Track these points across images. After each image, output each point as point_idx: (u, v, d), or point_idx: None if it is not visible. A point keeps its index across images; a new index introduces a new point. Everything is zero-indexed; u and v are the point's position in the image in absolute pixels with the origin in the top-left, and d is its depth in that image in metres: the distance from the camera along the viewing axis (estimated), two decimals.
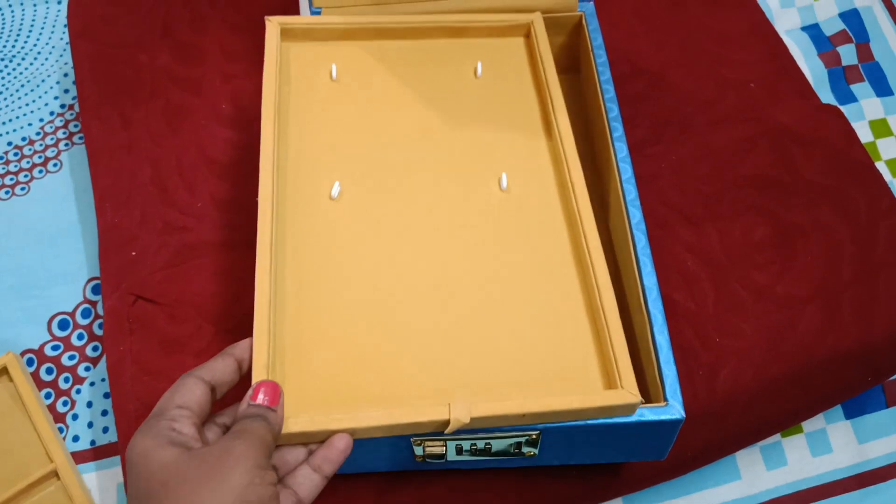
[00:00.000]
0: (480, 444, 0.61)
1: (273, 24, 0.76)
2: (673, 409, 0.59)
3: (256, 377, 0.57)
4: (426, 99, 0.75)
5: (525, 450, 0.62)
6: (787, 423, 0.78)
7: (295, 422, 0.56)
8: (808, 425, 0.84)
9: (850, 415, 0.84)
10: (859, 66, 1.03)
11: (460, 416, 0.56)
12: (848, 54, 1.03)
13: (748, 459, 0.82)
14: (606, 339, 0.61)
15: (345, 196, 0.68)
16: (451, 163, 0.71)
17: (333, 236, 0.66)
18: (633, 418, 0.59)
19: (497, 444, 0.61)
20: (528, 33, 0.81)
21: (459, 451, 0.62)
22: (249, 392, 0.55)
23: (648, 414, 0.59)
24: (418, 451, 0.61)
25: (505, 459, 0.64)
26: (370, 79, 0.77)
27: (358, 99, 0.75)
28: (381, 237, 0.66)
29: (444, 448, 0.61)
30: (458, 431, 0.58)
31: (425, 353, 0.61)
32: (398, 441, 0.60)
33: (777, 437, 0.83)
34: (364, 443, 0.59)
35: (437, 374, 0.60)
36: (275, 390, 0.55)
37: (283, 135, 0.71)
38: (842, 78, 1.03)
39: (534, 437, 0.60)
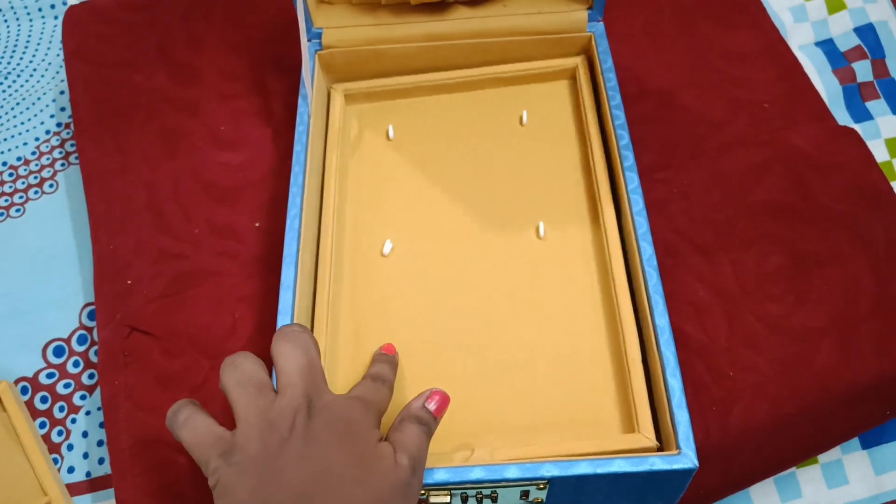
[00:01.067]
0: (486, 492, 0.59)
1: (338, 92, 0.83)
2: (685, 457, 0.57)
3: None
4: (473, 151, 0.81)
5: (533, 496, 0.60)
6: (802, 458, 0.76)
7: None
8: (824, 456, 0.82)
9: (866, 445, 0.82)
10: (875, 82, 1.01)
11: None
12: (863, 70, 1.01)
13: (762, 492, 0.80)
14: (628, 384, 0.63)
15: (395, 252, 0.75)
16: (493, 212, 0.76)
17: (384, 290, 0.72)
18: (645, 467, 0.57)
19: (504, 493, 0.59)
20: (573, 76, 0.83)
21: (465, 500, 0.60)
22: (425, 393, 0.59)
23: (660, 463, 0.57)
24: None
25: None
26: (422, 135, 0.81)
27: (410, 157, 0.80)
28: (426, 291, 0.72)
29: (449, 498, 0.59)
30: (465, 482, 0.57)
31: (460, 396, 0.64)
32: None
33: (792, 468, 0.81)
34: None
35: (469, 415, 0.65)
36: (445, 402, 0.59)
37: (342, 194, 0.77)
38: (857, 94, 1.00)
39: (542, 485, 0.58)
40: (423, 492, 0.58)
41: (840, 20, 1.04)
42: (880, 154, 0.96)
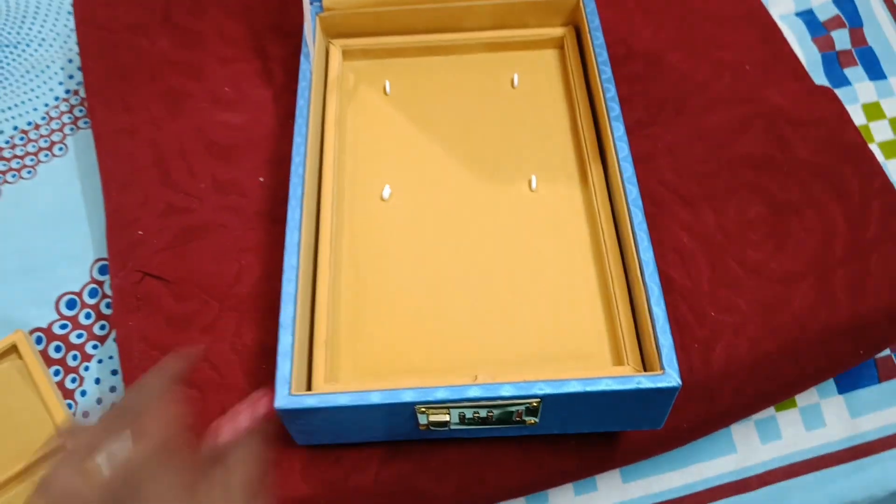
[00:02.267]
0: (483, 413, 0.63)
1: (336, 47, 0.88)
2: (669, 377, 0.61)
3: (318, 349, 0.68)
4: (466, 109, 0.85)
5: (526, 419, 0.64)
6: (781, 395, 0.79)
7: (346, 386, 0.65)
8: (802, 400, 0.85)
9: (842, 390, 0.85)
10: (853, 50, 1.05)
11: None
12: (841, 39, 1.05)
13: (743, 433, 0.83)
14: (617, 321, 0.68)
15: (394, 197, 0.79)
16: (487, 166, 0.81)
17: (384, 232, 0.77)
18: (631, 385, 0.61)
19: (499, 413, 0.63)
20: (560, 45, 0.87)
21: (462, 419, 0.63)
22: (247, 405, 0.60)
23: (645, 382, 0.61)
24: (422, 419, 0.63)
25: (506, 428, 0.66)
26: (418, 92, 0.86)
27: (407, 111, 0.84)
28: (424, 233, 0.76)
29: (448, 416, 0.63)
30: (463, 399, 0.61)
31: (459, 333, 0.71)
32: (403, 409, 0.62)
33: (771, 411, 0.84)
34: (370, 411, 0.61)
35: (468, 350, 0.70)
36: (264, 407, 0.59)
37: (342, 143, 0.82)
38: (835, 62, 1.04)
39: (535, 404, 0.62)
40: (423, 409, 0.62)
41: None
42: (858, 118, 0.99)
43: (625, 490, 0.82)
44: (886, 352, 0.86)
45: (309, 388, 0.66)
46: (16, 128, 1.02)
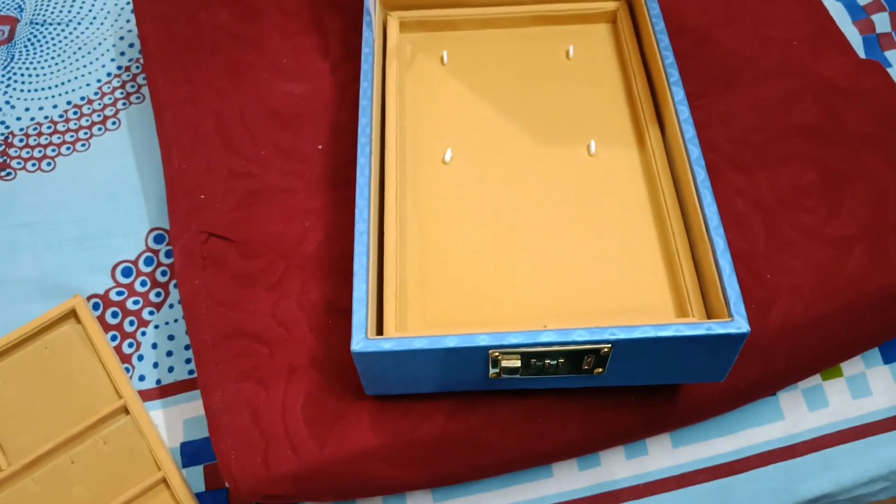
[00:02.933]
0: (553, 361, 0.64)
1: (394, 18, 0.89)
2: (738, 323, 0.62)
3: (388, 300, 0.69)
4: (523, 78, 0.86)
5: (595, 368, 0.65)
6: (836, 358, 0.81)
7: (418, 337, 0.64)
8: (848, 369, 0.86)
9: (888, 360, 0.87)
10: (892, 33, 1.06)
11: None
12: (882, 22, 1.06)
13: (791, 401, 0.85)
14: (680, 275, 0.69)
15: (455, 160, 0.80)
16: (546, 131, 0.82)
17: (447, 192, 0.78)
18: (702, 331, 0.62)
19: (568, 360, 0.64)
20: (614, 20, 0.89)
21: (532, 366, 0.64)
22: None
23: (716, 328, 0.62)
24: (493, 367, 0.64)
25: (573, 378, 0.67)
26: (475, 63, 0.87)
27: (465, 80, 0.86)
28: (487, 194, 0.78)
29: (520, 362, 0.64)
30: (537, 343, 0.62)
31: (525, 287, 0.71)
32: (476, 355, 0.63)
33: (818, 379, 0.85)
34: (444, 356, 0.63)
35: (535, 304, 0.70)
36: None
37: (403, 109, 0.83)
38: (876, 45, 1.05)
39: (605, 350, 0.63)
40: (496, 354, 0.63)
41: None
42: None
43: (675, 455, 0.83)
44: None
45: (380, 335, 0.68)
46: (69, 103, 1.04)
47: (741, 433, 0.84)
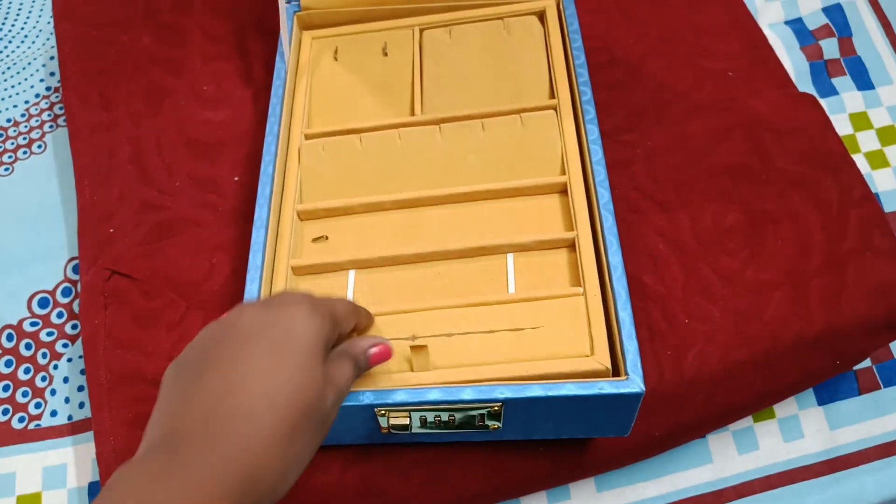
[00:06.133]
0: (444, 416, 0.62)
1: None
2: (633, 382, 0.60)
3: None
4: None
5: (489, 423, 0.63)
6: (755, 407, 0.79)
7: None
8: (781, 411, 0.84)
9: (822, 401, 0.85)
10: (841, 59, 1.04)
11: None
12: (830, 48, 1.04)
13: (720, 444, 0.83)
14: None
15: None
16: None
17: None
18: (594, 391, 0.60)
19: (460, 416, 0.62)
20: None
21: (424, 422, 0.62)
22: (373, 339, 0.61)
23: (608, 387, 0.60)
24: (383, 422, 0.62)
25: (470, 433, 0.65)
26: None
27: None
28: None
29: (409, 419, 0.62)
30: (423, 402, 0.60)
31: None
32: (363, 412, 0.61)
33: (749, 421, 0.83)
34: None
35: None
36: (386, 355, 0.61)
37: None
38: (823, 71, 1.03)
39: (496, 408, 0.61)
40: (383, 411, 0.61)
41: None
42: (844, 128, 0.99)
43: (599, 499, 0.81)
44: (867, 363, 0.85)
45: None
46: None
47: (667, 477, 0.82)
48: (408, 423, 0.62)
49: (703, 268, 0.77)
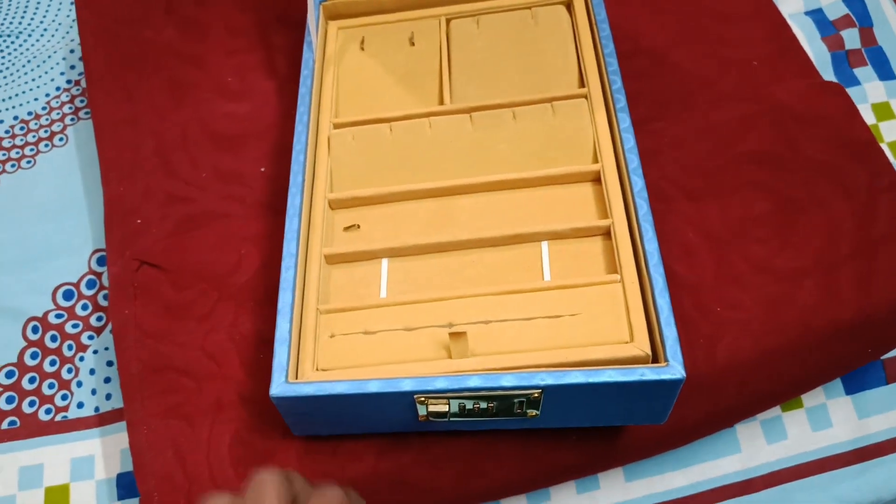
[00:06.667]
0: (483, 404, 0.62)
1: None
2: (673, 368, 0.60)
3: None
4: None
5: (527, 410, 0.62)
6: (786, 395, 0.78)
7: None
8: (809, 400, 0.84)
9: (850, 390, 0.84)
10: (862, 49, 1.04)
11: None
12: (851, 38, 1.04)
13: (748, 433, 0.83)
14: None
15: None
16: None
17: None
18: (635, 377, 0.59)
19: (499, 404, 0.62)
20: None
21: (462, 410, 0.62)
22: None
23: (649, 373, 0.60)
24: (421, 409, 0.62)
25: (507, 421, 0.64)
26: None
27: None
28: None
29: (448, 406, 0.61)
30: (463, 389, 0.60)
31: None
32: (402, 399, 0.61)
33: (777, 410, 0.83)
34: (368, 401, 0.61)
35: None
36: None
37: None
38: (845, 61, 1.03)
39: (536, 395, 0.60)
40: (423, 398, 0.61)
41: None
42: (867, 118, 0.98)
43: (627, 489, 0.81)
44: (894, 352, 0.84)
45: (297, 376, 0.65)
46: (16, 118, 1.01)
47: (696, 466, 0.82)
48: (447, 410, 0.62)
49: (734, 256, 0.77)
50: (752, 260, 0.77)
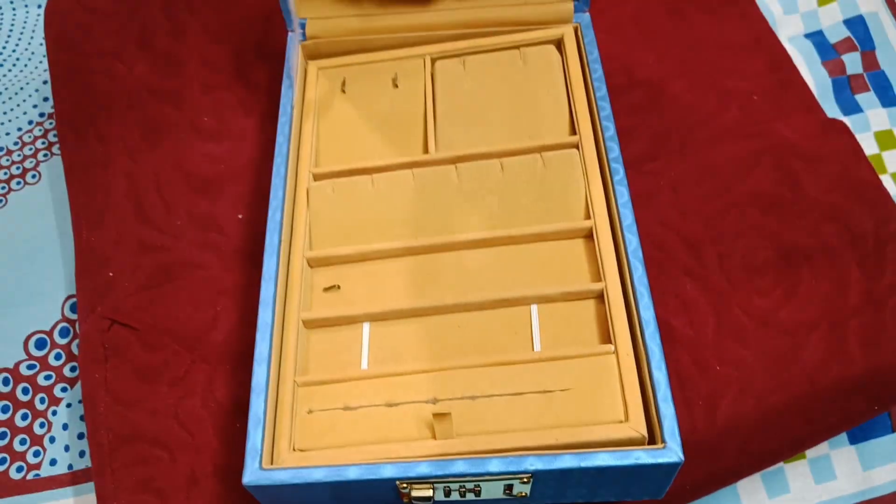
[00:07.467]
0: (469, 486, 0.58)
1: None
2: (670, 451, 0.56)
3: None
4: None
5: (517, 490, 0.59)
6: (790, 452, 0.75)
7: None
8: (812, 451, 0.81)
9: (854, 440, 0.82)
10: (864, 74, 1.00)
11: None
12: (853, 63, 1.00)
13: (749, 487, 0.80)
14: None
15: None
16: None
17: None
18: (630, 461, 0.56)
19: (486, 487, 0.58)
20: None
21: (448, 493, 0.59)
22: None
23: (644, 457, 0.56)
24: (405, 494, 0.59)
25: (495, 501, 0.61)
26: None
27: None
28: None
29: (431, 491, 0.58)
30: (447, 476, 0.57)
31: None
32: (384, 484, 0.58)
33: (779, 463, 0.80)
34: (348, 486, 0.58)
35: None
36: None
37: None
38: (847, 87, 0.99)
39: (525, 479, 0.57)
40: (405, 485, 0.57)
41: (830, 12, 1.03)
42: (869, 147, 0.95)
43: None
44: None
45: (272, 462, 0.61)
46: None
47: None
48: (431, 495, 0.58)
49: (735, 309, 0.74)
50: (753, 312, 0.74)
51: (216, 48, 0.91)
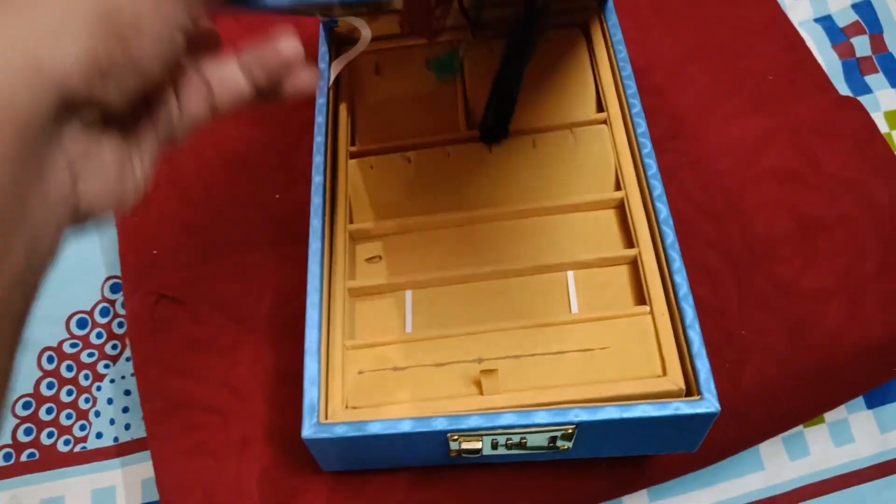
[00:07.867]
0: (516, 439, 0.61)
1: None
2: (707, 402, 0.59)
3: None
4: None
5: (559, 444, 0.62)
6: (812, 414, 0.78)
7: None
8: (830, 416, 0.84)
9: (871, 404, 0.85)
10: (873, 57, 1.03)
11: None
12: (862, 46, 1.03)
13: (771, 450, 0.83)
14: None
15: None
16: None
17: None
18: (669, 411, 0.59)
19: (532, 439, 0.61)
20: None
21: (495, 445, 0.62)
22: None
23: (684, 407, 0.59)
24: (454, 445, 0.61)
25: (538, 453, 0.64)
26: None
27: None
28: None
29: (480, 443, 0.61)
30: (496, 427, 0.59)
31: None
32: (434, 436, 0.60)
33: (799, 427, 0.83)
34: (400, 439, 0.60)
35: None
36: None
37: None
38: (856, 69, 1.03)
39: (570, 431, 0.60)
40: (455, 437, 0.60)
41: None
42: (880, 127, 0.98)
43: None
44: None
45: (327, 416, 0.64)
46: None
47: (720, 485, 0.82)
48: (480, 447, 0.61)
49: (757, 278, 0.77)
50: (775, 281, 0.77)
51: (251, 34, 0.94)
